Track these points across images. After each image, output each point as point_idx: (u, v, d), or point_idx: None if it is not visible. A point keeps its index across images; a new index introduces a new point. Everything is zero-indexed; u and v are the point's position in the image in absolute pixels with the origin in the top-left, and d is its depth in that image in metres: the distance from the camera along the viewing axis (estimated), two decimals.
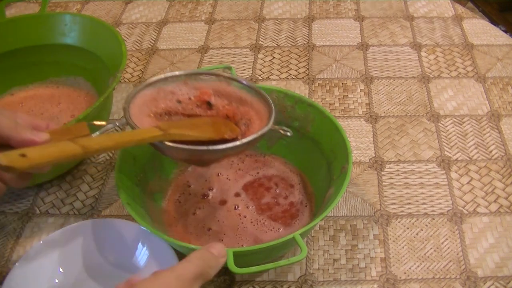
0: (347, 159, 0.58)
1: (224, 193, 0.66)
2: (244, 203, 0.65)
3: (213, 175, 0.68)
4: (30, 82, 0.82)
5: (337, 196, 0.54)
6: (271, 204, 0.65)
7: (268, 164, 0.69)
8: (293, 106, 0.66)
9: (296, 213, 0.64)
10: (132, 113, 0.54)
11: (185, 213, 0.64)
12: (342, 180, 0.56)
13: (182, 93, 0.58)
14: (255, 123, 0.57)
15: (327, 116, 0.63)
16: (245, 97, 0.58)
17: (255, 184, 0.67)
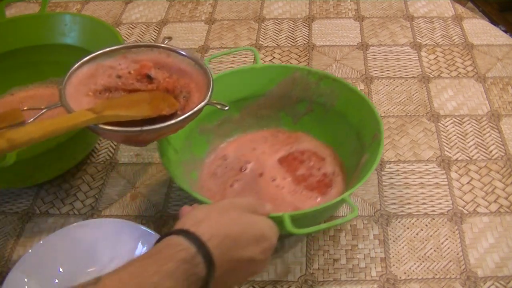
0: (378, 127, 0.60)
1: (261, 166, 0.68)
2: (281, 175, 0.67)
3: (249, 150, 0.70)
4: (30, 82, 0.82)
5: (375, 160, 0.57)
6: (306, 175, 0.67)
7: (299, 140, 0.71)
8: (317, 82, 0.68)
9: (330, 183, 0.66)
10: (68, 94, 0.53)
11: (223, 185, 0.66)
12: (376, 146, 0.59)
13: (121, 68, 0.57)
14: (194, 95, 0.56)
15: (352, 89, 0.66)
16: (185, 68, 0.58)
17: (289, 158, 0.69)
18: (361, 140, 0.64)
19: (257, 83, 0.70)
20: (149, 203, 0.69)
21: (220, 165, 0.69)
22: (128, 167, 0.74)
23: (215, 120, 0.70)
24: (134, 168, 0.74)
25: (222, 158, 0.69)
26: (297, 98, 0.70)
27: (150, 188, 0.71)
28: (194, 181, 0.66)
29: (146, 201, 0.69)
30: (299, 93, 0.70)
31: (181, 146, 0.65)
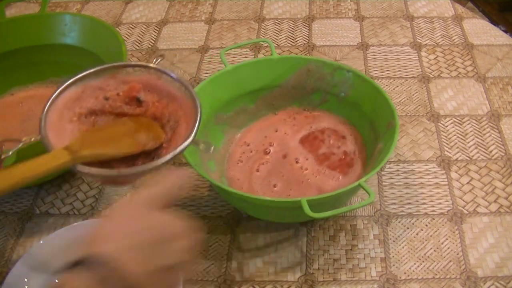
0: (392, 115, 0.62)
1: (284, 147, 0.70)
2: (303, 156, 0.68)
3: (272, 132, 0.72)
4: (30, 82, 0.82)
5: (391, 147, 0.58)
6: (328, 154, 0.68)
7: (318, 119, 0.73)
8: (331, 73, 0.70)
9: (351, 162, 0.67)
10: (49, 123, 0.49)
11: (249, 171, 0.68)
12: (391, 134, 0.60)
13: (110, 89, 0.54)
14: (181, 126, 0.53)
15: (366, 80, 0.67)
16: (175, 92, 0.55)
17: (310, 138, 0.70)
18: (375, 130, 0.65)
19: (273, 74, 0.72)
20: None
21: (244, 152, 0.70)
22: None
23: (231, 110, 0.71)
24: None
25: (244, 144, 0.71)
26: (312, 88, 0.72)
27: None
28: (211, 170, 0.67)
29: None
30: (313, 83, 0.71)
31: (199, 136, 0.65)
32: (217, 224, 0.66)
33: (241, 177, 0.67)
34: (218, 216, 0.67)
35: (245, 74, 0.71)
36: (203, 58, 0.91)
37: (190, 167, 0.58)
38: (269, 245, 0.64)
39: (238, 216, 0.67)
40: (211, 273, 0.61)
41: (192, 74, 0.88)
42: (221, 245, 0.64)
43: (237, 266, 0.62)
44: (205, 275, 0.61)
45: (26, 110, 0.79)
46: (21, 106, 0.80)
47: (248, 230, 0.65)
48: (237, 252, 0.63)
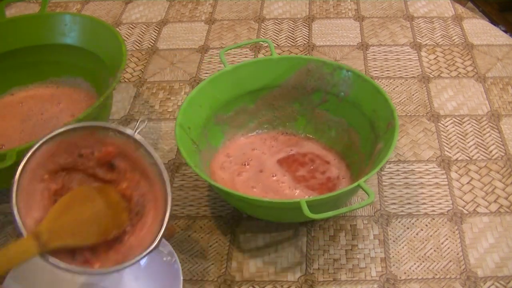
0: (392, 115, 0.62)
1: (261, 164, 0.70)
2: (281, 173, 0.68)
3: (249, 150, 0.71)
4: (30, 82, 0.82)
5: (390, 147, 0.58)
6: (307, 177, 0.68)
7: (301, 143, 0.72)
8: (331, 73, 0.70)
9: (333, 187, 0.66)
10: (21, 186, 0.47)
11: (231, 175, 0.68)
12: (391, 134, 0.60)
13: (85, 145, 0.52)
14: (148, 215, 0.52)
15: (366, 80, 0.67)
16: (148, 172, 0.52)
17: (289, 160, 0.70)
18: (375, 130, 0.65)
19: (273, 74, 0.72)
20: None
21: (225, 161, 0.70)
22: None
23: (231, 110, 0.71)
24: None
25: (226, 155, 0.71)
26: (312, 88, 0.71)
27: None
28: (208, 169, 0.67)
29: None
30: (313, 83, 0.71)
31: (199, 136, 0.66)
32: (217, 224, 0.66)
33: (225, 177, 0.68)
34: (218, 216, 0.67)
35: (245, 74, 0.71)
36: (203, 58, 0.91)
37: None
38: (269, 245, 0.64)
39: (238, 216, 0.67)
40: (211, 273, 0.61)
41: (192, 74, 0.88)
42: (221, 245, 0.64)
43: (237, 266, 0.62)
44: (205, 275, 0.61)
45: (26, 110, 0.79)
46: (21, 106, 0.80)
47: (248, 230, 0.65)
48: (237, 252, 0.63)
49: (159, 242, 0.50)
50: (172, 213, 0.68)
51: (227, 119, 0.72)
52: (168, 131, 0.79)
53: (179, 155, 0.75)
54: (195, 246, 0.64)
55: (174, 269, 0.57)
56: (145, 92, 0.86)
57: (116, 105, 0.83)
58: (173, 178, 0.72)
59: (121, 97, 0.85)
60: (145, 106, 0.83)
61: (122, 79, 0.88)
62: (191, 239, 0.65)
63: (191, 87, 0.86)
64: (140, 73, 0.89)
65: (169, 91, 0.85)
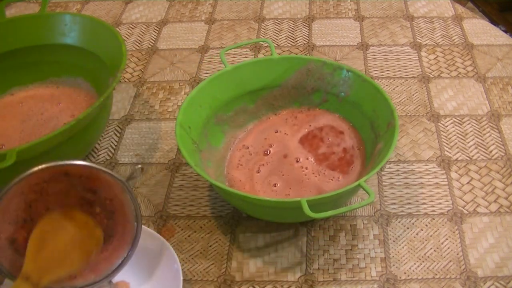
0: (392, 115, 0.62)
1: (284, 148, 0.70)
2: (304, 155, 0.68)
3: (271, 133, 0.72)
4: (30, 82, 0.82)
5: (391, 147, 0.58)
6: (327, 153, 0.69)
7: (317, 117, 0.73)
8: (331, 73, 0.70)
9: (351, 159, 0.67)
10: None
11: (249, 173, 0.68)
12: (391, 134, 0.60)
13: (73, 169, 0.51)
14: (112, 243, 0.54)
15: (366, 80, 0.67)
16: (126, 209, 0.53)
17: (309, 137, 0.71)
18: (375, 130, 0.65)
19: (273, 74, 0.72)
20: (149, 203, 0.69)
21: (243, 155, 0.70)
22: (128, 167, 0.74)
23: (231, 110, 0.71)
24: (134, 168, 0.74)
25: (243, 147, 0.71)
26: (312, 88, 0.72)
27: (150, 188, 0.71)
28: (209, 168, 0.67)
29: (146, 201, 0.69)
30: (314, 83, 0.71)
31: (199, 136, 0.66)
32: (217, 224, 0.66)
33: (242, 179, 0.67)
34: (218, 216, 0.67)
35: (245, 74, 0.71)
36: (203, 58, 0.91)
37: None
38: (269, 245, 0.64)
39: (238, 216, 0.67)
40: (211, 273, 0.61)
41: (192, 74, 0.88)
42: (221, 245, 0.64)
43: (237, 266, 0.62)
44: (205, 275, 0.61)
45: (26, 110, 0.79)
46: (21, 106, 0.80)
47: (248, 230, 0.65)
48: (237, 252, 0.63)
49: (108, 277, 0.53)
50: (172, 213, 0.68)
51: (227, 119, 0.72)
52: (168, 131, 0.79)
53: (179, 155, 0.75)
54: (195, 246, 0.64)
55: (174, 269, 0.57)
56: (145, 92, 0.86)
57: (116, 105, 0.83)
58: (173, 178, 0.72)
59: (121, 97, 0.85)
60: (145, 106, 0.83)
61: (122, 79, 0.88)
62: (191, 239, 0.65)
63: (191, 87, 0.86)
64: (140, 73, 0.89)
65: (169, 91, 0.85)
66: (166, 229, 0.66)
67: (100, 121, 0.72)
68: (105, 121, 0.75)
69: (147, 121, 0.80)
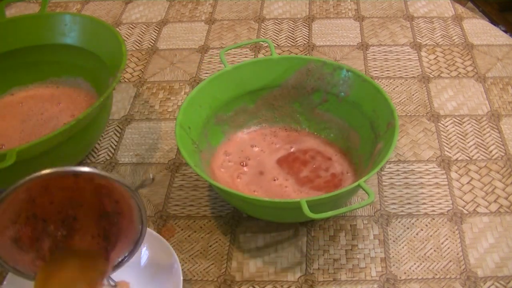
0: (392, 115, 0.62)
1: (260, 165, 0.69)
2: (282, 176, 0.67)
3: (248, 147, 0.71)
4: (30, 82, 0.82)
5: (390, 147, 0.58)
6: (311, 177, 0.67)
7: (300, 139, 0.72)
8: (331, 73, 0.70)
9: (339, 183, 0.66)
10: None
11: (231, 177, 0.67)
12: (391, 134, 0.60)
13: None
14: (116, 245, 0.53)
15: (366, 80, 0.67)
16: (134, 214, 0.52)
17: (289, 159, 0.69)
18: (375, 130, 0.65)
19: (273, 74, 0.72)
20: (149, 203, 0.69)
21: (224, 161, 0.70)
22: (128, 167, 0.74)
23: (231, 110, 0.71)
24: (134, 168, 0.74)
25: (224, 153, 0.71)
26: (312, 88, 0.72)
27: (150, 188, 0.71)
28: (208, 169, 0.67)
29: (146, 201, 0.69)
30: (314, 83, 0.71)
31: (199, 136, 0.66)
32: (217, 224, 0.66)
33: (226, 179, 0.67)
34: (218, 216, 0.67)
35: (245, 74, 0.71)
36: (203, 58, 0.91)
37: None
38: (269, 245, 0.64)
39: (238, 216, 0.67)
40: (211, 273, 0.61)
41: (192, 74, 0.88)
42: (221, 245, 0.64)
43: (237, 266, 0.62)
44: (205, 275, 0.61)
45: (26, 110, 0.79)
46: (21, 106, 0.80)
47: (248, 230, 0.65)
48: (237, 252, 0.63)
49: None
50: (172, 213, 0.68)
51: (227, 119, 0.72)
52: (168, 131, 0.79)
53: (179, 155, 0.75)
54: (195, 246, 0.64)
55: (174, 269, 0.57)
56: (145, 92, 0.86)
57: (116, 105, 0.83)
58: (173, 178, 0.72)
59: (121, 97, 0.85)
60: (145, 106, 0.83)
61: (122, 79, 0.88)
62: (191, 239, 0.65)
63: (191, 87, 0.86)
64: (140, 73, 0.89)
65: (169, 91, 0.85)
66: (166, 229, 0.66)
67: (100, 121, 0.72)
68: (105, 121, 0.75)
69: (147, 121, 0.81)
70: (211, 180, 0.58)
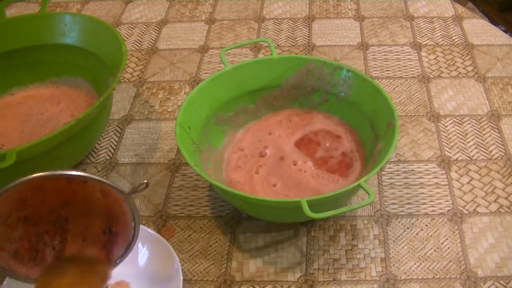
0: (392, 115, 0.62)
1: (280, 150, 0.70)
2: (301, 159, 0.68)
3: (265, 135, 0.71)
4: (30, 82, 0.82)
5: (390, 147, 0.58)
6: (326, 157, 0.68)
7: (313, 120, 0.72)
8: (331, 73, 0.70)
9: (350, 162, 0.67)
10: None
11: (248, 174, 0.67)
12: (391, 134, 0.60)
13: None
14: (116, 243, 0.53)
15: (366, 80, 0.67)
16: (127, 218, 0.51)
17: (305, 140, 0.70)
18: (375, 130, 0.65)
19: (273, 74, 0.72)
20: (149, 203, 0.69)
21: (240, 157, 0.70)
22: (128, 167, 0.74)
23: (231, 110, 0.71)
24: (134, 168, 0.74)
25: (239, 150, 0.71)
26: (312, 88, 0.72)
27: (150, 188, 0.71)
28: (208, 168, 0.67)
29: (146, 201, 0.69)
30: (313, 83, 0.71)
31: (199, 136, 0.66)
32: (217, 224, 0.66)
33: (242, 180, 0.67)
34: (218, 216, 0.67)
35: (245, 74, 0.71)
36: (203, 58, 0.91)
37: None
38: (269, 245, 0.64)
39: (238, 216, 0.67)
40: (211, 273, 0.61)
41: (192, 74, 0.88)
42: (221, 245, 0.64)
43: (237, 266, 0.62)
44: (205, 275, 0.61)
45: (26, 110, 0.79)
46: (21, 106, 0.80)
47: (248, 230, 0.65)
48: (237, 252, 0.63)
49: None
50: (172, 213, 0.68)
51: (227, 119, 0.72)
52: (168, 131, 0.79)
53: (179, 155, 0.75)
54: (195, 246, 0.64)
55: (174, 269, 0.57)
56: (145, 92, 0.86)
57: (116, 105, 0.83)
58: (173, 178, 0.72)
59: (121, 97, 0.85)
60: (145, 106, 0.83)
61: (122, 79, 0.88)
62: (191, 239, 0.65)
63: (191, 87, 0.86)
64: (140, 73, 0.89)
65: (169, 91, 0.85)
66: (166, 229, 0.66)
67: (100, 121, 0.72)
68: (105, 121, 0.75)
69: (147, 121, 0.81)
70: (211, 180, 0.57)
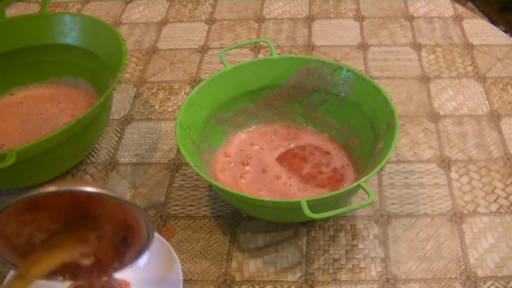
0: (392, 115, 0.62)
1: (261, 163, 0.69)
2: (285, 175, 0.67)
3: (247, 145, 0.71)
4: (30, 82, 0.82)
5: (390, 147, 0.58)
6: (314, 173, 0.67)
7: (299, 135, 0.72)
8: (331, 73, 0.70)
9: (341, 177, 0.66)
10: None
11: (234, 178, 0.67)
12: (391, 134, 0.60)
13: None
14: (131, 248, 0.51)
15: (366, 80, 0.67)
16: (141, 226, 0.49)
17: (289, 155, 0.70)
18: (375, 130, 0.65)
19: (273, 74, 0.72)
20: (149, 203, 0.69)
21: (225, 162, 0.70)
22: (128, 167, 0.74)
23: (231, 110, 0.71)
24: (134, 168, 0.74)
25: (224, 154, 0.70)
26: (312, 88, 0.72)
27: (150, 188, 0.71)
28: (209, 168, 0.67)
29: (146, 201, 0.69)
30: (314, 83, 0.71)
31: (199, 136, 0.66)
32: (217, 224, 0.66)
33: (228, 182, 0.67)
34: (218, 216, 0.67)
35: (245, 74, 0.71)
36: (203, 58, 0.91)
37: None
38: (269, 245, 0.64)
39: (238, 216, 0.67)
40: (211, 273, 0.61)
41: (192, 74, 0.88)
42: (221, 245, 0.64)
43: (237, 266, 0.62)
44: (205, 275, 0.61)
45: (26, 110, 0.79)
46: (21, 106, 0.80)
47: (248, 230, 0.65)
48: (237, 252, 0.63)
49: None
50: (172, 213, 0.68)
51: (227, 119, 0.72)
52: (168, 131, 0.79)
53: (179, 155, 0.75)
54: (195, 246, 0.64)
55: (174, 269, 0.57)
56: (145, 92, 0.86)
57: (116, 105, 0.83)
58: (173, 178, 0.72)
59: (121, 97, 0.85)
60: (145, 106, 0.83)
61: (122, 79, 0.88)
62: (191, 239, 0.65)
63: (191, 87, 0.86)
64: (140, 73, 0.89)
65: (169, 91, 0.85)
66: (166, 229, 0.66)
67: (100, 121, 0.72)
68: (105, 121, 0.75)
69: (147, 121, 0.81)
70: (211, 180, 0.58)
